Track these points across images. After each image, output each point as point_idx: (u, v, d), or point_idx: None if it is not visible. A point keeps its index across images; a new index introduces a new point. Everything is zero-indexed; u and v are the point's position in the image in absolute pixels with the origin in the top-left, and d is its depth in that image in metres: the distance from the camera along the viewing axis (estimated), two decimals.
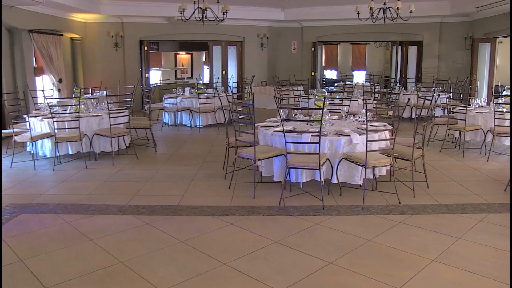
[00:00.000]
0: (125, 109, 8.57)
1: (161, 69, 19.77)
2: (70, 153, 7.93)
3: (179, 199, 5.93)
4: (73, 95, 8.77)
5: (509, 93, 8.80)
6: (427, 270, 3.96)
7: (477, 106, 9.21)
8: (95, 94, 11.91)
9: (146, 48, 15.11)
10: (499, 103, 8.69)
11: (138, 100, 13.78)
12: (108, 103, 7.98)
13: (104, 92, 10.34)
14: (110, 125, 7.79)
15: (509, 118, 8.06)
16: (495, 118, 7.93)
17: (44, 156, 8.06)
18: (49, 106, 7.58)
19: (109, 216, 5.34)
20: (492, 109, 8.20)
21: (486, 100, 10.32)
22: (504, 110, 8.39)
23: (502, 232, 4.81)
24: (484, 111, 8.63)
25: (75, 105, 8.09)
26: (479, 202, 5.78)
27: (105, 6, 13.34)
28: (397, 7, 10.60)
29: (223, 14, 11.01)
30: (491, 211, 5.44)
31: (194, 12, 10.75)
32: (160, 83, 15.10)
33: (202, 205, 5.66)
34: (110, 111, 7.88)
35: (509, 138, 8.12)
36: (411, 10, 10.79)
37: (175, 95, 11.88)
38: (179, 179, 6.90)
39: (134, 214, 5.35)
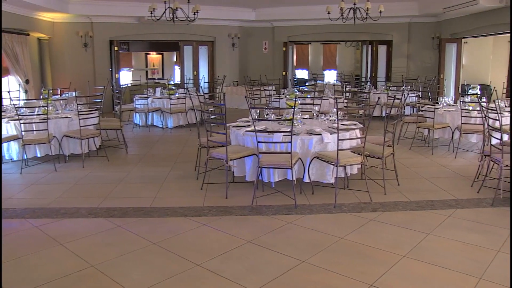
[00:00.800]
0: (95, 110, 8.44)
1: (132, 69, 19.53)
2: (39, 155, 7.76)
3: (151, 200, 5.87)
4: (41, 96, 8.57)
5: (474, 92, 9.00)
6: (399, 266, 4.02)
7: (445, 104, 9.41)
8: (64, 95, 11.67)
9: (116, 48, 14.91)
10: (466, 102, 8.90)
11: (108, 101, 13.58)
12: (77, 104, 7.84)
13: (74, 93, 10.17)
14: (80, 126, 7.65)
15: (476, 116, 8.26)
16: (462, 116, 8.11)
17: (11, 159, 7.87)
18: (16, 107, 7.40)
19: (79, 219, 5.24)
20: (459, 107, 8.39)
21: (453, 99, 10.55)
22: (470, 108, 8.59)
23: (469, 227, 4.93)
24: (452, 109, 8.82)
25: (43, 106, 7.92)
26: (448, 198, 5.90)
27: (74, 6, 13.10)
28: (367, 7, 10.74)
29: (194, 14, 10.96)
30: (459, 207, 5.56)
31: (164, 12, 10.66)
32: (131, 83, 14.91)
33: (175, 206, 5.61)
34: (80, 113, 7.74)
35: (475, 135, 8.31)
36: (380, 11, 10.95)
37: (146, 95, 11.76)
38: (151, 180, 6.83)
39: (105, 217, 5.27)
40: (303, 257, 4.18)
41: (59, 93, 11.95)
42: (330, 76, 21.16)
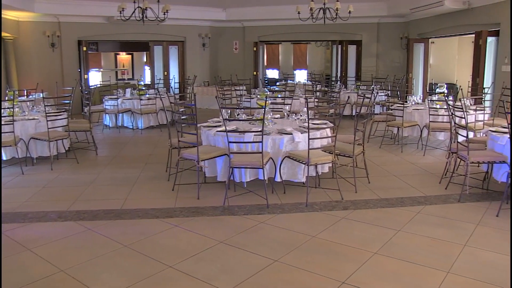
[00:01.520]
0: (63, 111, 8.28)
1: (101, 70, 19.25)
2: (4, 158, 7.56)
3: (122, 202, 5.79)
4: (6, 98, 8.36)
5: (441, 91, 9.19)
6: (370, 263, 4.08)
7: (413, 103, 9.58)
8: (30, 96, 11.41)
9: (84, 48, 14.67)
10: (433, 100, 9.08)
11: (77, 102, 13.35)
12: (45, 105, 7.68)
13: (41, 94, 9.95)
14: (48, 128, 7.50)
15: (443, 114, 8.43)
16: (430, 115, 8.27)
17: None
18: None
19: (48, 223, 5.13)
20: (427, 106, 8.56)
21: (421, 97, 10.76)
22: (438, 106, 8.77)
23: (437, 223, 5.04)
24: (420, 108, 8.99)
25: (8, 108, 7.72)
26: (417, 195, 6.02)
27: (40, 4, 12.82)
28: (336, 8, 10.86)
29: (164, 14, 10.88)
30: (427, 203, 5.68)
31: (134, 11, 10.56)
32: (100, 84, 14.70)
33: (146, 208, 5.56)
34: (48, 114, 7.59)
35: (443, 133, 8.49)
36: (349, 11, 11.08)
37: (115, 96, 11.61)
38: (122, 182, 6.74)
39: (75, 220, 5.18)
40: (276, 257, 4.19)
41: (25, 94, 11.68)
42: (301, 76, 21.30)
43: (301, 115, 6.95)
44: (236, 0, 15.21)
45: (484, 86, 10.76)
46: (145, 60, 20.99)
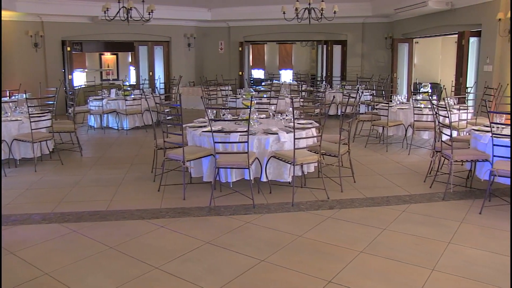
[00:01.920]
0: (47, 112, 8.19)
1: (86, 70, 19.06)
2: None
3: (107, 204, 5.75)
4: None
5: (426, 90, 9.28)
6: (356, 262, 4.10)
7: (398, 102, 9.66)
8: (13, 97, 11.27)
9: (68, 48, 14.53)
10: (418, 100, 9.16)
11: (61, 103, 13.19)
12: (28, 106, 7.59)
13: (24, 95, 9.83)
14: (32, 129, 7.41)
15: (427, 113, 8.51)
16: (414, 114, 8.35)
17: None
18: None
19: (32, 225, 5.07)
20: (412, 105, 8.63)
21: (406, 97, 10.85)
22: (422, 106, 8.85)
23: (422, 221, 5.09)
24: (405, 107, 9.06)
25: None
26: (402, 193, 6.07)
27: (22, 3, 12.66)
28: (321, 8, 10.90)
29: (149, 14, 10.82)
30: (412, 202, 5.73)
31: (118, 11, 10.48)
32: (85, 85, 14.57)
33: (131, 209, 5.52)
34: (31, 115, 7.50)
35: (427, 132, 8.57)
36: (334, 11, 11.13)
37: (100, 97, 11.51)
38: (107, 183, 6.69)
39: (59, 222, 5.13)
40: (262, 256, 4.20)
41: (8, 95, 11.52)
42: (286, 76, 21.31)
43: (286, 115, 6.96)
44: (222, 0, 15.19)
45: (467, 86, 10.90)
46: (130, 60, 20.85)
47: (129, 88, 11.98)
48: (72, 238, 4.70)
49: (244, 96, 7.35)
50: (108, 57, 20.33)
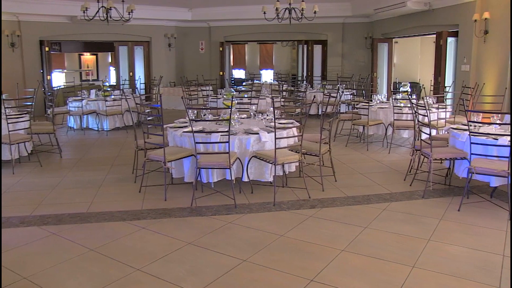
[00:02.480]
0: (25, 113, 8.06)
1: (65, 70, 18.80)
2: None
3: (88, 205, 5.69)
4: None
5: (405, 89, 9.39)
6: (338, 260, 4.13)
7: (378, 101, 9.75)
8: None
9: (47, 48, 14.30)
10: (397, 99, 9.26)
11: (40, 104, 13.01)
12: (5, 107, 7.46)
13: (1, 96, 9.65)
14: (9, 131, 7.29)
15: (407, 112, 8.61)
16: (394, 113, 8.44)
17: None
18: None
19: (9, 229, 4.98)
20: (392, 105, 8.72)
21: (386, 96, 10.96)
22: (402, 105, 8.95)
23: (402, 219, 5.14)
24: (385, 106, 9.15)
25: None
26: (383, 192, 6.12)
27: None
28: (302, 8, 10.94)
29: (129, 14, 10.73)
30: (393, 200, 5.79)
31: (98, 11, 10.37)
32: (64, 85, 14.38)
33: (112, 211, 5.47)
34: (8, 116, 7.38)
35: (407, 131, 8.67)
36: (315, 11, 11.18)
37: (80, 97, 11.39)
38: (87, 185, 6.62)
39: (38, 225, 5.05)
40: (244, 256, 4.20)
41: None
42: (267, 76, 21.34)
43: (267, 115, 6.97)
44: (202, 0, 15.14)
45: (446, 85, 11.05)
46: (110, 60, 20.65)
47: (109, 89, 11.87)
48: (52, 241, 4.64)
49: (225, 96, 7.35)
50: (87, 57, 20.10)
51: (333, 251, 4.30)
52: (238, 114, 7.00)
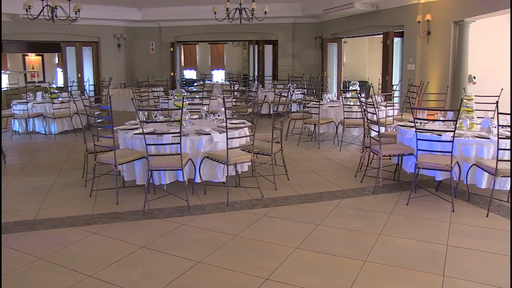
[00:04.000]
0: None
1: (7, 72, 18.12)
2: None
3: (35, 212, 5.50)
4: None
5: (354, 88, 9.59)
6: (292, 258, 4.18)
7: (328, 100, 9.92)
8: None
9: None
10: (347, 97, 9.47)
11: None
12: None
13: None
14: None
15: (357, 110, 8.81)
16: (344, 111, 8.61)
17: None
18: None
19: None
20: (342, 103, 8.90)
21: (336, 95, 11.17)
22: (351, 103, 9.15)
23: (354, 215, 5.27)
24: (335, 105, 9.32)
25: None
26: (334, 189, 6.24)
27: None
28: (252, 8, 10.97)
29: (76, 13, 10.43)
30: (344, 197, 5.91)
31: (42, 10, 10.02)
32: (7, 87, 13.83)
33: (62, 217, 5.31)
34: None
35: (357, 129, 8.86)
36: (265, 11, 11.24)
37: (25, 100, 10.98)
38: (34, 191, 6.40)
39: None
40: (199, 258, 4.18)
41: None
42: (218, 76, 21.33)
43: (219, 115, 6.96)
44: (152, 0, 14.93)
45: (393, 83, 11.38)
46: (57, 61, 20.05)
47: (56, 91, 11.53)
48: None
49: (176, 97, 7.27)
50: (32, 58, 19.43)
51: (287, 249, 4.35)
52: (189, 114, 6.96)
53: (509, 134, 5.73)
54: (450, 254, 4.21)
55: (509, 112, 5.23)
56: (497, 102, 5.42)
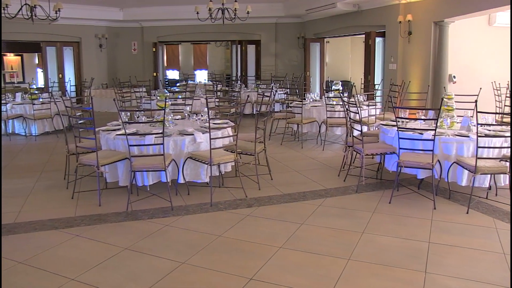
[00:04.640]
0: None
1: None
2: None
3: (15, 215, 5.41)
4: None
5: (337, 88, 9.65)
6: (276, 257, 4.19)
7: (311, 100, 9.96)
8: None
9: None
10: (330, 97, 9.52)
11: None
12: None
13: None
14: None
15: (339, 110, 8.86)
16: (327, 111, 8.66)
17: None
18: None
19: None
20: (324, 103, 8.94)
21: (319, 95, 11.22)
22: (334, 103, 9.20)
23: (337, 213, 5.30)
24: (318, 105, 9.36)
25: None
26: (318, 188, 6.27)
27: None
28: (235, 8, 10.97)
29: (56, 13, 10.31)
30: (328, 196, 5.94)
31: (20, 9, 9.87)
32: None
33: (43, 219, 5.24)
34: None
35: (340, 128, 8.92)
36: (248, 11, 11.25)
37: (4, 101, 10.81)
38: (14, 193, 6.29)
39: None
40: (182, 259, 4.16)
41: None
42: (201, 76, 21.27)
43: (202, 115, 6.94)
44: None
45: (375, 83, 11.48)
46: (37, 62, 19.80)
47: (36, 92, 11.38)
48: None
49: (158, 97, 7.23)
50: (11, 58, 19.15)
51: (271, 249, 4.36)
52: (172, 115, 6.93)
53: (487, 132, 5.84)
54: (432, 251, 4.26)
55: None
56: (476, 101, 5.50)
